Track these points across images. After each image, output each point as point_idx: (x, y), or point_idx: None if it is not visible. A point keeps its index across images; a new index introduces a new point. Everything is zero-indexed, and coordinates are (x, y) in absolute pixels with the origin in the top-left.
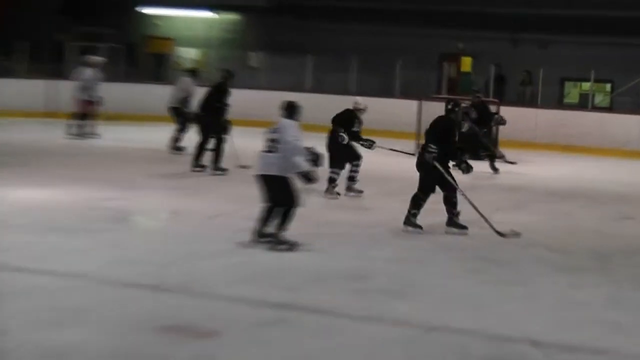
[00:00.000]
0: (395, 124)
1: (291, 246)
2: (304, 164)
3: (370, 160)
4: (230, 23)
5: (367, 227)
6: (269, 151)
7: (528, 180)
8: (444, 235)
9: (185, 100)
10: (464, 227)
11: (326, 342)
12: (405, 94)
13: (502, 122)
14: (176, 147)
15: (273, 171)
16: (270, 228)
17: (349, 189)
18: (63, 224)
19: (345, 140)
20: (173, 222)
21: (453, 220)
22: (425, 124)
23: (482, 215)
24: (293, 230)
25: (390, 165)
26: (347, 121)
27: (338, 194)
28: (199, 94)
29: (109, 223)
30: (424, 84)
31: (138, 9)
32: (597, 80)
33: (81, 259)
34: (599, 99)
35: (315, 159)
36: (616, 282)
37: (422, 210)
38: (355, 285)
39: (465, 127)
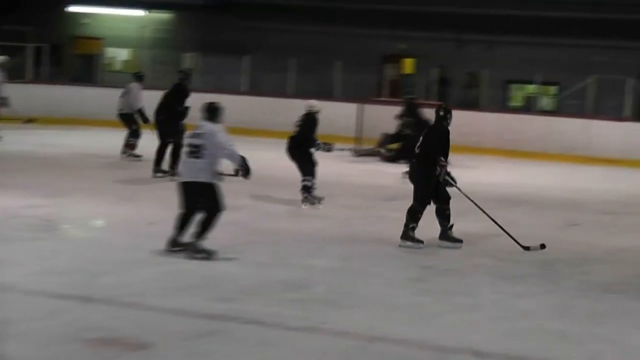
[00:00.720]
0: (334, 127)
1: (209, 255)
2: (237, 157)
3: None
4: (163, 22)
5: (306, 234)
6: (195, 157)
7: (472, 187)
8: (386, 243)
9: (134, 105)
10: (458, 241)
11: (263, 354)
12: (345, 97)
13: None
14: (134, 154)
15: (200, 178)
16: (187, 237)
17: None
18: None
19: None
20: (104, 230)
21: (447, 234)
22: (366, 127)
23: (502, 229)
24: (228, 239)
25: (329, 169)
26: (314, 126)
27: (320, 199)
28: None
29: (35, 232)
30: (365, 86)
31: (65, 7)
32: (542, 83)
33: (7, 270)
34: (545, 102)
35: (246, 171)
36: (562, 290)
37: (363, 217)
38: (292, 295)
39: (408, 131)
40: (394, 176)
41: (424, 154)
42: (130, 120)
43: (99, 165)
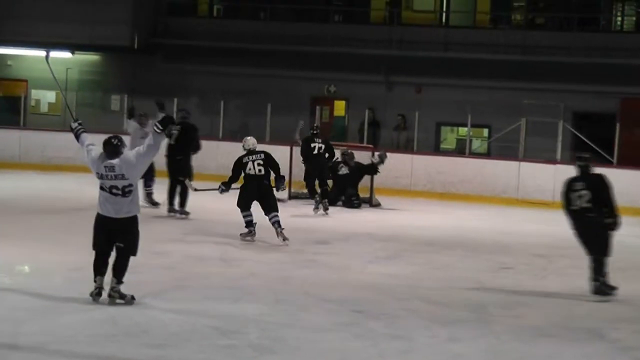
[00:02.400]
0: None
1: (130, 300)
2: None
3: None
4: (89, 64)
5: (237, 278)
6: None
7: (404, 229)
8: (318, 286)
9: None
10: (613, 288)
11: None
12: (276, 139)
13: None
14: (153, 201)
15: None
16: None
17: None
18: None
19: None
20: (29, 276)
21: (601, 287)
22: (296, 170)
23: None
24: (157, 283)
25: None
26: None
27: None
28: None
29: None
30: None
31: None
32: (474, 125)
33: None
34: (477, 145)
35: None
36: (495, 333)
37: (294, 260)
38: (224, 341)
39: (343, 170)
40: (325, 219)
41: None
42: None
43: (24, 209)
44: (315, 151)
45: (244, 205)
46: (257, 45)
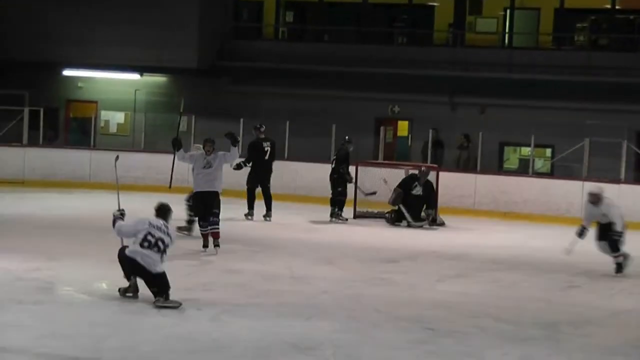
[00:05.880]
0: (328, 190)
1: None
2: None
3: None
4: (157, 85)
5: (309, 296)
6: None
7: (470, 248)
8: (389, 304)
9: None
10: None
11: None
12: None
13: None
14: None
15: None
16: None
17: None
18: None
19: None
20: (103, 293)
21: None
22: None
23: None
24: (232, 299)
25: (326, 232)
26: None
27: None
28: None
29: (35, 295)
30: (360, 148)
31: (60, 71)
32: (537, 145)
33: (12, 334)
34: (539, 165)
35: None
36: (567, 352)
37: (364, 278)
38: (301, 357)
39: (417, 191)
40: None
41: None
42: None
43: (97, 228)
44: (267, 157)
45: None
46: (321, 66)
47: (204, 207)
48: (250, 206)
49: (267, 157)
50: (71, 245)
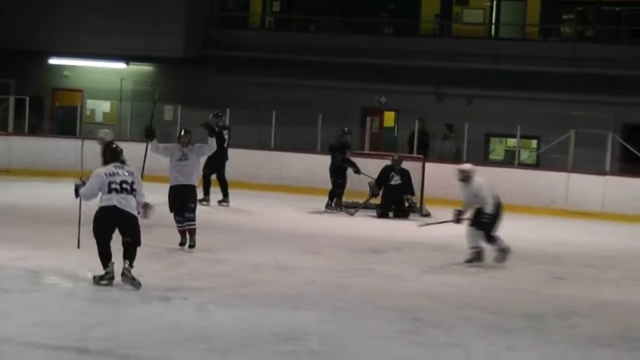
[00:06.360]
0: (316, 180)
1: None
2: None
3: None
4: (143, 75)
5: (295, 286)
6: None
7: (455, 239)
8: (375, 295)
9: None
10: None
11: None
12: (327, 149)
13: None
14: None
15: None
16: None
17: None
18: None
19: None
20: (90, 282)
21: None
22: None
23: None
24: (218, 289)
25: (312, 222)
26: None
27: None
28: None
29: (23, 284)
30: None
31: (46, 59)
32: (522, 137)
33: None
34: (525, 156)
35: None
36: (552, 343)
37: (350, 268)
38: (286, 347)
39: (396, 180)
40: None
41: None
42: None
43: (83, 217)
44: (226, 144)
45: None
46: (308, 56)
47: (180, 201)
48: (206, 192)
49: (225, 145)
50: (57, 234)
